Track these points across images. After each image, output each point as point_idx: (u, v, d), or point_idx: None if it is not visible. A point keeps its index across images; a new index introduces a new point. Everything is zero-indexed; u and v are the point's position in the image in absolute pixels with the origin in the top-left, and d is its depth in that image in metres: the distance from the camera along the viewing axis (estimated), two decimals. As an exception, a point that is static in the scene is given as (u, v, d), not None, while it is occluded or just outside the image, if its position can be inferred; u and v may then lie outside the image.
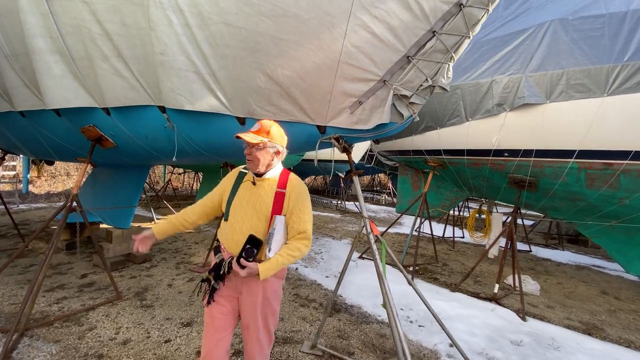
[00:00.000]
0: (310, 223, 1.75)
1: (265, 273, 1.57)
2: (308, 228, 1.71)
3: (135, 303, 3.48)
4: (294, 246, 1.67)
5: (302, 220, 1.70)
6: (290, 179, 1.78)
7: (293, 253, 1.65)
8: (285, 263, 1.63)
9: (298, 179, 1.82)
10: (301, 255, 1.69)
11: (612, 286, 5.07)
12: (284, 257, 1.63)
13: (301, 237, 1.69)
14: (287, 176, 1.79)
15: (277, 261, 1.61)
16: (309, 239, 1.71)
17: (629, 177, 3.47)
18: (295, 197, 1.72)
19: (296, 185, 1.75)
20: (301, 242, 1.68)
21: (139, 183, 4.78)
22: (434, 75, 2.19)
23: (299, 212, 1.70)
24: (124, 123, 3.05)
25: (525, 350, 3.03)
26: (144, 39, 2.50)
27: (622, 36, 3.26)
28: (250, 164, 1.71)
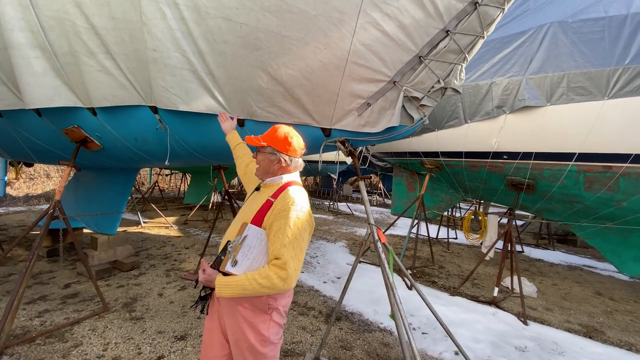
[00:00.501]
0: (294, 250, 1.36)
1: (220, 288, 1.33)
2: (285, 255, 1.33)
3: (124, 315, 3.27)
4: (264, 272, 1.32)
5: (278, 241, 1.35)
6: (287, 189, 1.49)
7: (262, 281, 1.30)
8: (247, 288, 1.30)
9: (298, 191, 1.50)
10: (271, 288, 1.32)
11: (606, 287, 5.14)
12: (249, 280, 1.31)
13: (275, 264, 1.33)
14: (284, 188, 1.51)
15: (239, 283, 1.31)
16: (287, 270, 1.31)
17: (628, 180, 3.49)
18: (276, 212, 1.41)
19: (286, 197, 1.45)
20: (273, 270, 1.32)
21: (126, 187, 4.54)
22: (446, 77, 2.09)
23: (277, 230, 1.37)
24: (111, 124, 2.85)
25: (531, 356, 2.99)
26: (135, 34, 2.32)
27: (622, 39, 3.26)
28: (256, 169, 1.64)
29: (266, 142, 1.56)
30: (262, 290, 1.32)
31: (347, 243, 7.01)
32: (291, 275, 1.33)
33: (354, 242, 7.18)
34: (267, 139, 1.57)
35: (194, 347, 2.77)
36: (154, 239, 6.48)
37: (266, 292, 1.33)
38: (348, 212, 11.60)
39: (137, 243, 6.03)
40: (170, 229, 7.44)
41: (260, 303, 1.43)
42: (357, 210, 12.47)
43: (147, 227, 7.47)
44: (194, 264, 4.94)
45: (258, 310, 1.43)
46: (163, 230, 7.33)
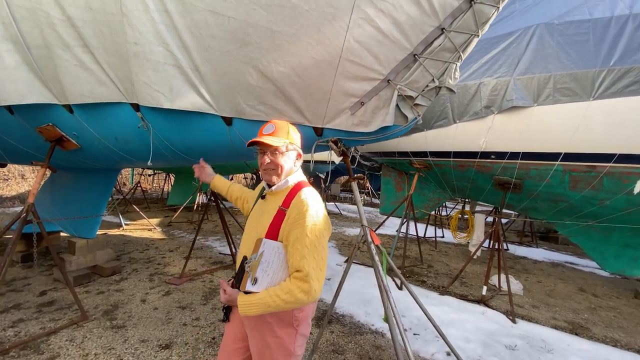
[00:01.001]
0: (316, 261, 1.28)
1: (243, 308, 1.28)
2: (306, 267, 1.25)
3: (104, 324, 3.10)
4: (286, 287, 1.26)
5: (298, 252, 1.28)
6: (299, 194, 1.38)
7: (282, 296, 1.25)
8: (271, 305, 1.25)
9: (312, 194, 1.40)
10: (296, 303, 1.26)
11: (588, 283, 5.28)
12: (271, 297, 1.26)
13: (296, 277, 1.27)
14: (296, 192, 1.40)
15: (262, 300, 1.26)
16: (309, 282, 1.24)
17: (611, 179, 3.57)
18: (292, 221, 1.33)
19: (302, 203, 1.34)
20: (297, 285, 1.25)
21: (106, 188, 4.34)
22: (440, 76, 2.06)
23: (295, 241, 1.29)
24: (89, 122, 2.69)
25: (521, 355, 3.01)
26: (114, 26, 2.18)
27: (607, 41, 3.33)
28: (269, 174, 1.44)
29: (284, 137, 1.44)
30: (286, 306, 1.27)
31: (336, 243, 6.97)
32: (314, 287, 1.26)
33: (343, 242, 7.14)
34: (282, 134, 1.44)
35: (180, 357, 2.65)
36: (136, 241, 6.25)
37: (290, 307, 1.28)
38: (336, 212, 11.57)
39: (119, 246, 5.79)
40: (154, 231, 7.21)
41: (287, 316, 1.38)
42: (346, 210, 12.47)
43: (129, 230, 7.21)
44: (179, 268, 4.78)
45: (284, 323, 1.39)
46: (146, 232, 7.09)
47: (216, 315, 3.39)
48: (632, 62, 3.16)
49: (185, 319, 3.28)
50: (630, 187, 3.47)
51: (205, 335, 3.02)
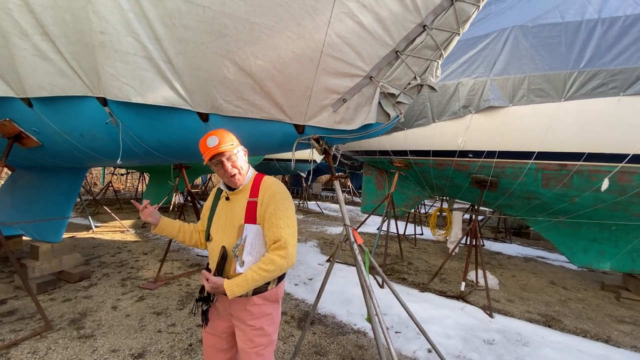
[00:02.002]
0: (290, 229, 1.49)
1: (231, 290, 1.40)
2: (284, 235, 1.46)
3: (71, 333, 2.90)
4: (268, 258, 1.43)
5: (275, 225, 1.47)
6: (263, 183, 1.58)
7: (266, 267, 1.42)
8: (257, 280, 1.41)
9: (273, 180, 1.62)
10: (278, 270, 1.43)
11: (558, 276, 5.52)
12: (255, 273, 1.41)
13: (277, 247, 1.45)
14: (260, 180, 1.60)
15: (245, 278, 1.41)
16: (286, 249, 1.44)
17: (581, 177, 3.73)
18: (267, 201, 1.51)
19: (269, 187, 1.55)
20: (276, 253, 1.44)
21: (72, 189, 4.06)
22: (422, 73, 2.04)
23: (271, 216, 1.48)
24: (51, 117, 2.49)
25: (499, 349, 3.08)
26: (78, 13, 2.02)
27: (577, 44, 3.47)
28: (234, 179, 1.54)
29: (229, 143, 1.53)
30: (270, 276, 1.43)
31: (318, 243, 6.92)
32: (291, 252, 1.45)
33: (324, 241, 7.11)
34: (226, 140, 1.52)
35: (154, 366, 2.51)
36: (107, 245, 5.93)
37: (274, 275, 1.44)
38: (318, 211, 11.52)
39: (88, 250, 5.47)
40: (127, 234, 6.88)
41: (272, 295, 1.58)
42: (327, 209, 12.45)
43: (100, 232, 6.85)
44: (154, 271, 4.57)
45: (270, 302, 1.58)
46: (118, 235, 6.75)
47: (193, 320, 3.26)
48: (600, 65, 3.31)
49: (160, 326, 3.13)
50: (598, 185, 3.64)
51: (182, 341, 2.88)
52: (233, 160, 1.52)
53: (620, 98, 3.28)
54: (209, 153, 1.47)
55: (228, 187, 1.61)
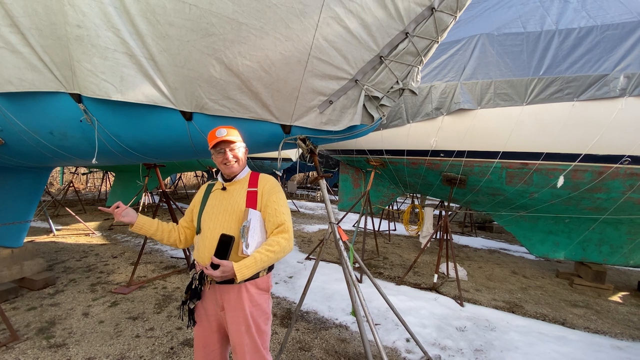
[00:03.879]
0: (288, 216, 1.66)
1: (242, 272, 1.44)
2: (286, 220, 1.63)
3: (40, 343, 2.73)
4: (273, 240, 1.55)
5: (279, 212, 1.63)
6: (262, 177, 1.77)
7: (272, 248, 1.52)
8: (265, 261, 1.49)
9: (267, 175, 1.80)
10: (282, 251, 1.55)
11: (519, 266, 5.99)
12: (263, 254, 1.49)
13: (280, 231, 1.59)
14: (257, 175, 1.78)
15: (254, 259, 1.48)
16: (289, 232, 1.61)
17: (539, 174, 4.08)
18: (268, 191, 1.68)
19: (268, 180, 1.74)
20: (281, 236, 1.57)
21: (35, 190, 3.78)
22: (404, 78, 2.15)
23: (274, 203, 1.64)
24: (17, 114, 2.33)
25: (469, 335, 3.32)
26: (51, 5, 1.91)
27: (537, 53, 3.78)
28: (229, 167, 1.69)
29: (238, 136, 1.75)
30: (275, 257, 1.52)
31: (296, 241, 6.96)
32: (291, 236, 1.63)
33: (302, 239, 7.16)
34: (235, 133, 1.74)
35: (135, 371, 2.44)
36: (71, 248, 5.58)
37: (279, 256, 1.54)
38: (294, 210, 11.53)
39: (50, 255, 5.13)
40: (92, 237, 6.51)
41: (263, 283, 1.65)
42: (303, 207, 12.49)
43: (62, 236, 6.42)
44: (126, 275, 4.38)
45: (262, 290, 1.65)
46: (83, 238, 6.37)
47: (173, 323, 3.19)
48: (557, 73, 3.64)
49: (137, 331, 3.03)
50: (555, 182, 4.00)
51: (162, 345, 2.82)
52: (234, 150, 1.69)
53: (574, 103, 3.63)
54: (217, 140, 1.64)
55: (224, 179, 1.75)
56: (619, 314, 4.11)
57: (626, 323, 3.87)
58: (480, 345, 3.14)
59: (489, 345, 3.15)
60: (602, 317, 3.97)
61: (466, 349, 3.06)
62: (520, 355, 3.01)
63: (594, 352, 3.16)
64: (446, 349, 3.06)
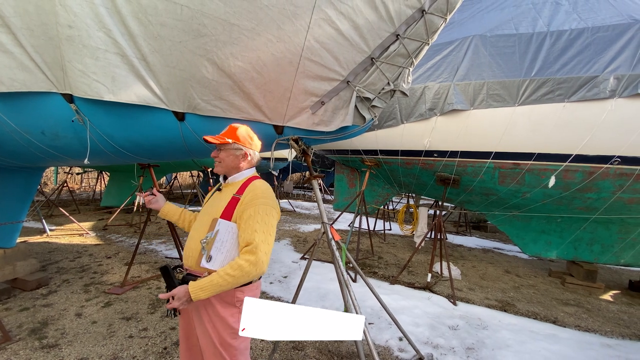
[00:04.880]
0: (264, 235, 1.43)
1: (196, 294, 1.33)
2: (256, 239, 1.39)
3: (33, 344, 2.72)
4: (236, 263, 1.37)
5: (250, 227, 1.42)
6: (252, 184, 1.58)
7: (233, 272, 1.34)
8: (222, 285, 1.34)
9: (263, 183, 1.62)
10: (244, 276, 1.36)
11: (512, 265, 6.04)
12: (221, 277, 1.34)
13: (247, 251, 1.39)
14: (251, 181, 1.61)
15: (211, 281, 1.34)
16: (255, 254, 1.37)
17: (531, 175, 4.13)
18: (247, 202, 1.49)
19: (254, 189, 1.54)
20: (245, 258, 1.37)
21: (27, 190, 3.76)
22: (395, 79, 2.18)
23: (248, 218, 1.44)
24: (8, 114, 2.32)
25: (462, 333, 3.35)
26: (42, 5, 1.91)
27: (529, 54, 3.83)
28: (216, 166, 1.67)
29: (231, 138, 1.61)
30: (237, 282, 1.37)
31: (291, 241, 6.97)
32: (261, 259, 1.38)
33: (297, 239, 7.17)
34: (231, 135, 1.63)
35: (128, 371, 2.45)
36: (65, 249, 5.55)
37: (240, 281, 1.38)
38: (290, 209, 11.54)
39: (43, 255, 5.09)
40: (86, 237, 6.47)
41: (228, 297, 1.48)
42: (299, 207, 12.50)
43: (55, 236, 6.37)
44: (120, 275, 4.37)
45: (226, 304, 1.49)
46: (77, 238, 6.33)
47: (166, 323, 3.18)
48: (548, 74, 3.69)
49: (130, 331, 3.02)
50: (546, 182, 4.05)
51: (156, 345, 2.82)
52: (221, 151, 1.63)
53: (565, 104, 3.68)
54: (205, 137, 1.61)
55: (225, 177, 1.69)
56: (610, 313, 4.17)
57: (616, 321, 3.93)
58: (472, 344, 3.17)
59: (481, 343, 3.18)
60: (592, 316, 4.02)
61: (458, 348, 3.10)
62: (512, 353, 3.04)
63: (584, 350, 3.20)
64: (438, 348, 3.08)
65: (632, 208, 4.15)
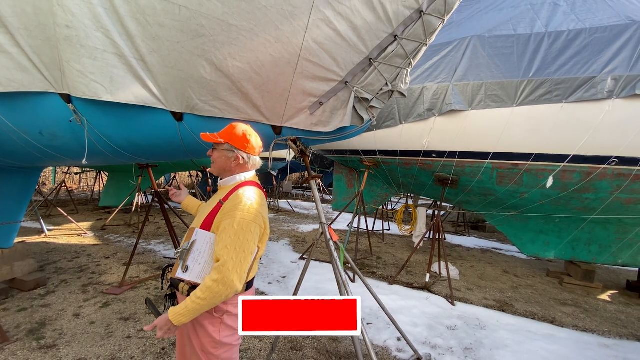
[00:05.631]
0: (235, 252, 1.30)
1: (177, 319, 1.28)
2: (225, 256, 1.28)
3: (31, 344, 2.71)
4: (203, 285, 1.28)
5: (222, 241, 1.32)
6: (238, 190, 1.44)
7: (201, 295, 1.26)
8: (196, 308, 1.27)
9: (247, 191, 1.44)
10: (214, 297, 1.27)
11: (510, 265, 6.06)
12: (192, 302, 1.27)
13: (213, 269, 1.30)
14: (239, 187, 1.47)
15: (186, 307, 1.28)
16: (222, 273, 1.26)
17: (529, 175, 4.14)
18: (227, 210, 1.38)
19: (235, 197, 1.40)
20: (208, 279, 1.28)
21: (25, 190, 3.75)
22: (393, 80, 2.18)
23: (223, 231, 1.34)
24: (6, 114, 2.32)
25: (460, 333, 3.36)
26: (40, 5, 1.91)
27: (527, 55, 3.84)
28: (212, 166, 1.61)
29: (223, 138, 1.53)
30: (210, 303, 1.29)
31: (290, 241, 6.97)
32: (228, 277, 1.27)
33: (296, 239, 7.17)
34: (225, 135, 1.54)
35: (126, 372, 2.44)
36: (63, 249, 5.54)
37: (215, 302, 1.29)
38: (289, 209, 11.54)
39: (42, 256, 5.08)
40: (85, 237, 6.46)
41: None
42: (298, 207, 12.50)
43: (54, 236, 6.36)
44: (118, 276, 4.36)
45: (206, 313, 1.40)
46: (75, 238, 6.32)
47: (165, 323, 3.18)
48: (546, 75, 3.70)
49: (129, 331, 3.02)
50: (544, 182, 4.06)
51: (154, 346, 2.81)
52: (215, 151, 1.56)
53: (563, 105, 3.69)
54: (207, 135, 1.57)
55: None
56: (607, 313, 4.18)
57: (614, 321, 3.94)
58: (470, 344, 3.17)
59: (479, 343, 3.19)
60: (590, 316, 4.04)
61: (456, 348, 3.10)
62: (509, 353, 3.05)
63: (581, 349, 3.21)
64: (436, 348, 3.09)
65: (629, 208, 4.17)
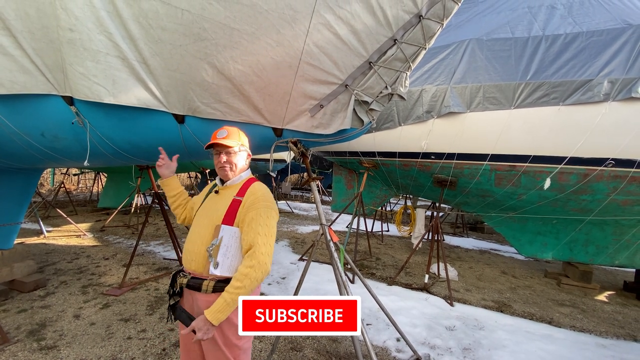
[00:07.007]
0: (266, 237, 1.45)
1: (216, 317, 1.35)
2: (258, 241, 1.42)
3: (31, 346, 2.72)
4: (240, 274, 1.39)
5: (252, 230, 1.45)
6: (252, 186, 1.61)
7: (239, 284, 1.36)
8: (234, 299, 1.35)
9: (262, 186, 1.64)
10: (253, 282, 1.38)
11: (508, 266, 6.09)
12: (230, 294, 1.36)
13: (249, 255, 1.42)
14: (250, 183, 1.64)
15: (225, 301, 1.36)
16: (256, 258, 1.39)
17: (527, 177, 4.18)
18: (249, 204, 1.52)
19: (255, 192, 1.57)
20: (245, 265, 1.40)
21: (25, 192, 3.76)
22: (393, 83, 2.20)
23: (251, 220, 1.47)
24: (9, 116, 2.33)
25: (458, 334, 3.38)
26: (44, 8, 1.93)
27: (525, 58, 3.88)
28: (225, 171, 1.63)
29: (237, 141, 1.66)
30: (249, 290, 1.38)
31: (289, 242, 6.98)
32: (262, 260, 1.40)
33: (296, 240, 7.19)
34: (238, 138, 1.68)
35: (127, 372, 2.45)
36: (62, 250, 5.53)
37: (253, 287, 1.40)
38: (288, 210, 11.55)
39: (41, 257, 5.08)
40: (84, 238, 6.45)
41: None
42: (297, 208, 12.51)
43: (53, 237, 6.35)
44: (118, 277, 4.36)
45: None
46: (74, 239, 6.32)
47: (165, 324, 3.19)
48: (543, 78, 3.74)
49: (129, 332, 3.03)
50: (542, 184, 4.10)
51: (155, 347, 2.83)
52: (230, 155, 1.63)
53: (560, 107, 3.73)
54: (212, 141, 1.62)
55: (221, 181, 1.69)
56: (605, 313, 4.22)
57: (611, 322, 3.97)
58: (468, 344, 3.20)
59: (477, 344, 3.22)
60: (587, 316, 4.07)
61: (455, 348, 3.12)
62: (508, 353, 3.08)
63: (579, 350, 3.24)
64: (435, 348, 3.11)
65: (626, 209, 4.21)
